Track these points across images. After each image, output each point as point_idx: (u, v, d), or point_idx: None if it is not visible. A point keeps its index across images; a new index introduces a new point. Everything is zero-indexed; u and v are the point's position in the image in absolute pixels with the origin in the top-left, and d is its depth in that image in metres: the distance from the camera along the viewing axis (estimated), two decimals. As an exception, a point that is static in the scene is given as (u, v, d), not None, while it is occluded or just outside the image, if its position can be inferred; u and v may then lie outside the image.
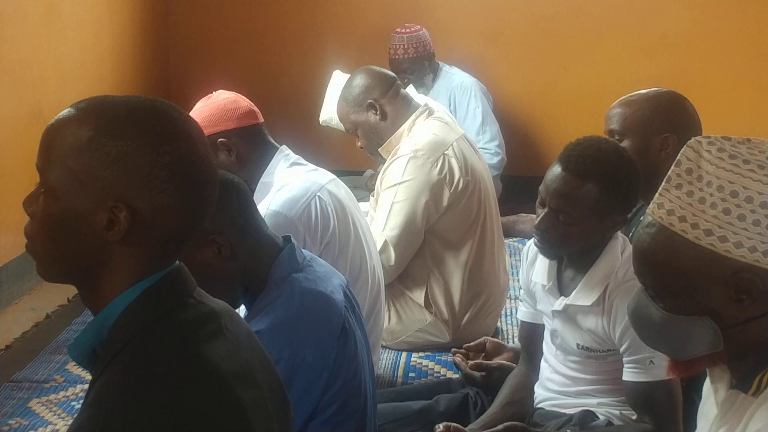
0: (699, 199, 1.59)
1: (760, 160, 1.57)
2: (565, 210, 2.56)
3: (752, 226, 1.54)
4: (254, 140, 3.09)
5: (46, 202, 1.44)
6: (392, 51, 5.63)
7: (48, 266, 1.49)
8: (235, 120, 3.05)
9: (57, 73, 5.00)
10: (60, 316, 4.40)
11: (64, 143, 1.43)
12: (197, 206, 1.48)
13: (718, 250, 1.56)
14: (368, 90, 3.82)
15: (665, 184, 1.65)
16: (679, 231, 1.60)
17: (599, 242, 2.61)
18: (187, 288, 1.51)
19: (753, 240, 1.54)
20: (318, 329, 2.32)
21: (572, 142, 2.62)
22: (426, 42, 5.63)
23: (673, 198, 1.62)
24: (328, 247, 3.01)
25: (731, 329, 1.60)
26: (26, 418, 3.41)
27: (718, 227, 1.56)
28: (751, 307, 1.57)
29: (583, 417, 2.63)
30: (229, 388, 1.44)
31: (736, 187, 1.56)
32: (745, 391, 1.60)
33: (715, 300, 1.59)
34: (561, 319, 2.69)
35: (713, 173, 1.59)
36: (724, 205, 1.57)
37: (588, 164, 2.55)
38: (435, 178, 3.73)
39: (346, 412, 2.35)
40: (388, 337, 3.86)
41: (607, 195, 2.53)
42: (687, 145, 1.64)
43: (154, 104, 1.47)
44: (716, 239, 1.56)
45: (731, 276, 1.56)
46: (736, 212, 1.55)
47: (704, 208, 1.58)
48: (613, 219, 2.57)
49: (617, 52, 6.03)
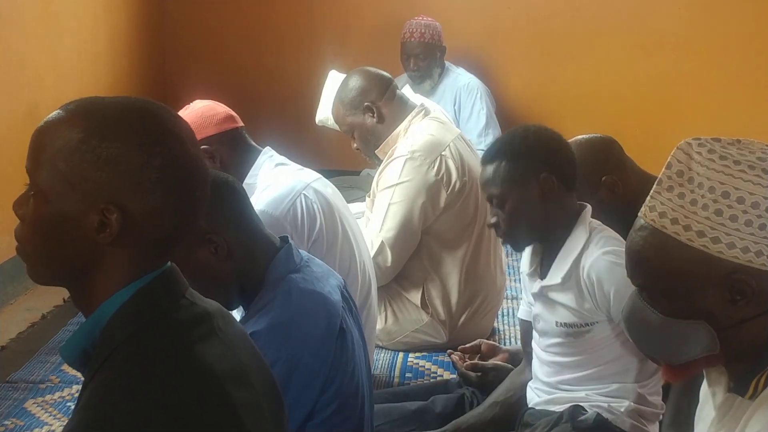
0: (691, 201, 1.59)
1: (751, 161, 1.57)
2: (494, 195, 2.69)
3: (744, 227, 1.54)
4: (235, 144, 3.09)
5: (36, 205, 1.43)
6: (407, 34, 5.67)
7: (39, 269, 1.48)
8: (215, 126, 3.05)
9: (53, 72, 5.00)
10: (56, 316, 4.39)
11: (53, 145, 1.42)
12: (189, 207, 1.47)
13: (711, 252, 1.56)
14: (365, 92, 3.80)
15: (656, 186, 1.64)
16: (671, 233, 1.59)
17: (559, 218, 2.68)
18: (180, 289, 1.50)
19: (745, 240, 1.54)
20: (315, 330, 2.31)
21: None
22: (440, 33, 5.70)
23: (665, 200, 1.62)
24: (316, 244, 3.01)
25: (726, 331, 1.59)
26: (22, 419, 3.41)
27: (710, 228, 1.56)
28: (746, 307, 1.57)
29: (572, 413, 2.64)
30: (222, 388, 1.43)
31: (728, 188, 1.56)
32: (742, 395, 1.60)
33: (710, 302, 1.58)
34: (540, 301, 2.74)
35: (704, 175, 1.59)
36: (716, 206, 1.56)
37: (492, 149, 2.76)
38: (432, 179, 3.72)
39: (344, 412, 2.35)
40: (385, 338, 3.86)
41: (517, 161, 2.66)
42: (677, 147, 1.64)
43: (144, 105, 1.47)
44: (709, 240, 1.56)
45: (725, 277, 1.56)
46: (729, 213, 1.55)
47: (696, 209, 1.58)
48: (542, 181, 2.64)
49: (615, 52, 6.03)
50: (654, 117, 5.93)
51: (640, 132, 5.34)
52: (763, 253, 1.54)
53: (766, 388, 1.56)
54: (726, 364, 1.65)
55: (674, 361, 1.67)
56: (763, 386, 1.56)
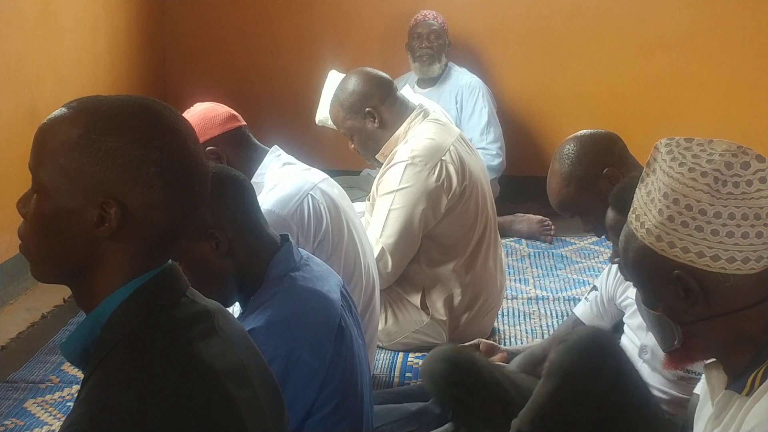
0: (651, 200, 1.66)
1: (705, 169, 1.60)
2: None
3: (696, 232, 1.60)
4: (240, 142, 3.09)
5: (38, 201, 1.44)
6: (419, 17, 5.77)
7: (41, 266, 1.49)
8: (218, 126, 3.06)
9: (53, 72, 4.99)
10: (56, 316, 4.39)
11: (54, 141, 1.43)
12: (188, 202, 1.47)
13: (656, 249, 1.63)
14: (366, 97, 3.75)
15: (639, 182, 1.72)
16: (633, 228, 1.69)
17: None
18: (180, 287, 1.51)
19: (684, 241, 1.60)
20: (315, 327, 2.32)
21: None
22: (447, 29, 5.78)
23: (638, 196, 1.71)
24: (321, 245, 3.01)
25: (689, 326, 1.65)
26: (22, 419, 3.40)
27: (654, 228, 1.63)
28: (700, 306, 1.62)
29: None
30: (221, 386, 1.44)
31: (678, 195, 1.62)
32: (739, 392, 1.62)
33: (667, 296, 1.66)
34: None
35: (660, 179, 1.65)
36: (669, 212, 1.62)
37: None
38: (432, 185, 3.69)
39: (343, 411, 2.36)
40: (385, 338, 3.85)
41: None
42: (654, 146, 1.70)
43: (144, 102, 1.48)
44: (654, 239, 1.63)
45: (670, 274, 1.63)
46: (679, 219, 1.61)
47: (653, 209, 1.65)
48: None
49: (615, 52, 6.03)
50: (654, 117, 5.92)
51: (640, 132, 5.32)
52: (705, 254, 1.59)
53: (763, 384, 1.58)
54: (722, 360, 1.68)
55: (662, 348, 1.74)
56: (760, 382, 1.59)
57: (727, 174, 1.59)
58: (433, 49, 5.67)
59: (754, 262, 1.59)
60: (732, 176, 1.59)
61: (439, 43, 5.70)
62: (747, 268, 1.59)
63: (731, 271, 1.59)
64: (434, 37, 5.68)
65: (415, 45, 5.71)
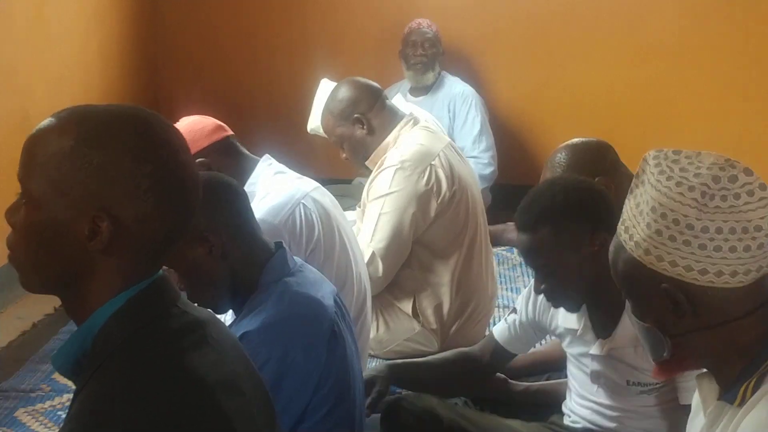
0: (639, 213, 1.66)
1: (692, 183, 1.60)
2: (540, 263, 2.56)
3: (683, 246, 1.59)
4: (229, 152, 3.11)
5: (28, 212, 1.43)
6: (414, 25, 5.79)
7: (31, 277, 1.48)
8: (206, 137, 3.07)
9: (44, 80, 4.99)
10: (47, 325, 4.38)
11: (45, 153, 1.42)
12: (180, 214, 1.47)
13: (644, 262, 1.63)
14: (355, 104, 3.79)
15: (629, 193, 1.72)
16: (622, 240, 1.69)
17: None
18: (171, 297, 1.50)
19: (672, 255, 1.60)
20: (308, 331, 2.33)
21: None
22: (441, 37, 5.82)
23: (627, 208, 1.70)
24: (313, 254, 3.01)
25: (677, 338, 1.65)
26: (13, 428, 3.40)
27: (642, 241, 1.63)
28: (690, 319, 1.62)
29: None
30: (214, 397, 1.43)
31: (665, 210, 1.61)
32: (730, 402, 1.62)
33: (655, 308, 1.65)
34: (603, 361, 2.66)
35: (648, 192, 1.65)
36: (657, 226, 1.62)
37: (532, 214, 2.55)
38: (422, 189, 3.71)
39: (335, 416, 2.36)
40: (377, 347, 3.85)
41: (563, 228, 2.51)
42: (643, 158, 1.70)
43: (135, 113, 1.47)
44: (643, 252, 1.63)
45: (659, 287, 1.62)
46: (667, 234, 1.60)
47: (641, 221, 1.65)
48: (595, 240, 2.50)
49: (607, 60, 6.04)
50: (647, 125, 5.93)
51: (634, 138, 5.33)
52: (693, 268, 1.59)
53: (754, 395, 1.58)
54: (713, 371, 1.69)
55: (652, 359, 1.74)
56: (751, 393, 1.59)
57: (715, 188, 1.59)
58: (427, 57, 5.70)
59: (742, 276, 1.59)
60: (720, 190, 1.59)
61: (433, 52, 5.73)
62: (735, 282, 1.59)
63: (719, 285, 1.59)
64: (428, 46, 5.71)
65: (409, 53, 5.72)
